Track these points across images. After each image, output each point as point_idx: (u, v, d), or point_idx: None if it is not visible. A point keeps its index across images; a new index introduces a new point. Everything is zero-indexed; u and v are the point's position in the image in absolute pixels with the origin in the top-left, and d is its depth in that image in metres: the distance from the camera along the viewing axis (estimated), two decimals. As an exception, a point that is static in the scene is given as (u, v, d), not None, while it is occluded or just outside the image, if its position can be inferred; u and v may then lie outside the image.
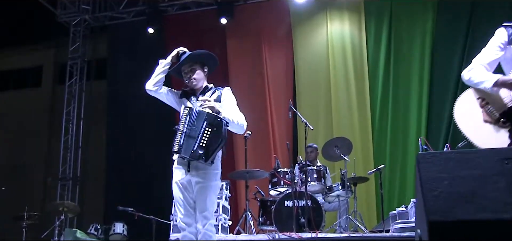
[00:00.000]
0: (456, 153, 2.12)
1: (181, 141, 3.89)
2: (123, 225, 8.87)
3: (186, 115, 3.95)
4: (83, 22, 11.74)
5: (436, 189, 1.76)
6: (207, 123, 3.86)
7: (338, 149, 7.45)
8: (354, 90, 9.75)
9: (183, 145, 3.88)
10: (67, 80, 11.70)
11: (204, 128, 3.86)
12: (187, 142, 3.87)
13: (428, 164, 1.88)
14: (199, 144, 3.84)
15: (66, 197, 11.07)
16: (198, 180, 3.98)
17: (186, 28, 10.95)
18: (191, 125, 3.90)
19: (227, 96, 4.25)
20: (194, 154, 3.84)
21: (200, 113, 3.91)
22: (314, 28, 10.35)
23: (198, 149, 3.83)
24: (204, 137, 3.84)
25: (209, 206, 4.02)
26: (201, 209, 4.00)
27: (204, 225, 3.99)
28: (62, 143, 11.48)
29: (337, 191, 7.41)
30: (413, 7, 9.81)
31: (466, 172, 1.89)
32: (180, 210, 4.09)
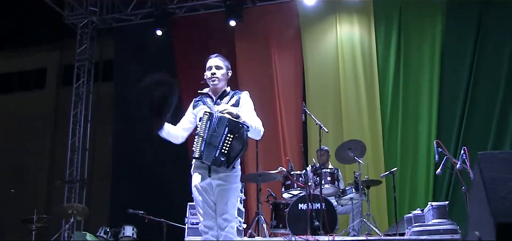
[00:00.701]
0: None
1: (202, 147, 3.84)
2: (132, 228, 8.82)
3: (206, 120, 3.88)
4: (91, 24, 11.69)
5: (502, 190, 1.71)
6: (229, 129, 3.80)
7: (352, 152, 7.42)
8: (364, 93, 9.71)
9: (204, 151, 3.83)
10: (74, 82, 11.64)
11: (225, 134, 3.80)
12: (208, 148, 3.82)
13: (491, 164, 1.83)
14: (221, 150, 3.80)
15: (73, 200, 11.01)
16: (219, 182, 3.94)
17: (194, 31, 10.92)
18: (212, 130, 3.83)
19: (246, 100, 4.20)
20: (216, 160, 3.81)
21: (221, 119, 3.84)
22: (323, 31, 10.32)
23: (220, 156, 3.80)
24: (226, 144, 3.80)
25: (230, 208, 3.99)
26: (222, 212, 3.96)
27: (225, 227, 3.95)
28: (69, 145, 11.42)
29: (350, 194, 7.39)
30: (422, 9, 9.80)
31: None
32: (200, 213, 4.05)
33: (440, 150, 6.06)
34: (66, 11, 11.53)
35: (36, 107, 15.02)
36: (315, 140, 8.95)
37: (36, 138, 14.76)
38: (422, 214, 6.41)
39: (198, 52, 10.72)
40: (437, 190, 9.01)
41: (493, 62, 9.16)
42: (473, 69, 9.18)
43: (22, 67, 16.02)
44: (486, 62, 9.19)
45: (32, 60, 15.78)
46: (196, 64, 10.66)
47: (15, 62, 15.83)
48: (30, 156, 14.52)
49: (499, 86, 8.98)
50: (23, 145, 14.53)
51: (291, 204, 6.96)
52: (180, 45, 10.95)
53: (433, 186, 9.06)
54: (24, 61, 15.84)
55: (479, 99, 9.09)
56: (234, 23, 10.46)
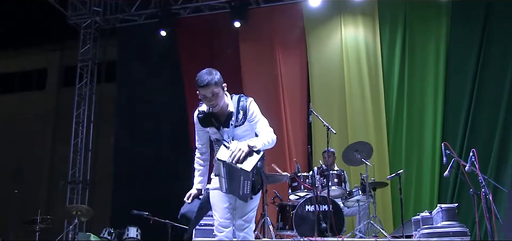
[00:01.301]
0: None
1: (226, 184, 3.81)
2: (136, 229, 8.79)
3: (222, 166, 3.73)
4: (94, 24, 11.66)
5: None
6: (244, 178, 3.69)
7: (359, 153, 7.40)
8: (369, 95, 9.69)
9: (228, 188, 3.82)
10: (77, 83, 11.58)
11: (242, 181, 3.71)
12: (230, 184, 3.78)
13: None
14: (244, 191, 3.75)
15: (75, 201, 10.97)
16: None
17: (199, 31, 10.91)
18: (229, 172, 3.74)
19: (253, 109, 3.95)
20: (243, 196, 3.79)
21: (233, 169, 3.69)
22: (328, 33, 10.30)
23: (243, 196, 3.79)
24: (246, 186, 3.73)
25: (251, 212, 3.99)
26: (242, 213, 3.95)
27: (243, 229, 3.95)
28: (72, 145, 11.37)
29: (357, 196, 7.38)
30: (427, 11, 9.78)
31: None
32: (217, 214, 3.99)
33: (448, 152, 6.03)
34: (69, 11, 11.48)
35: (36, 108, 14.99)
36: (320, 141, 8.99)
37: (36, 138, 14.73)
38: (430, 216, 6.38)
39: (202, 53, 10.73)
40: (442, 192, 8.99)
41: (498, 65, 9.14)
42: (478, 71, 9.16)
43: (23, 67, 16.00)
44: (491, 65, 9.17)
45: (33, 61, 15.75)
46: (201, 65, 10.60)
47: (16, 62, 15.80)
48: (30, 157, 14.49)
49: (504, 89, 8.96)
50: (23, 145, 14.49)
51: (298, 206, 6.93)
52: (185, 46, 10.92)
53: (438, 188, 9.05)
54: (25, 62, 15.81)
55: (484, 102, 9.06)
56: (238, 24, 10.44)
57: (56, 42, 14.98)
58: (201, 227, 6.54)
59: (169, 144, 10.73)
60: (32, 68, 16.00)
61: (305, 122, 10.08)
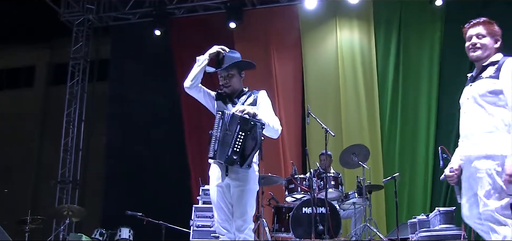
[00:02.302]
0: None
1: (215, 147, 3.81)
2: (129, 230, 8.69)
3: (219, 120, 3.86)
4: (87, 22, 11.54)
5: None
6: (240, 127, 3.77)
7: (356, 156, 7.40)
8: (364, 97, 9.73)
9: (217, 150, 3.81)
10: (68, 81, 11.45)
11: (237, 132, 3.77)
12: (221, 147, 3.80)
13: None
14: (233, 148, 3.77)
15: (64, 201, 10.84)
16: (237, 183, 3.91)
17: (193, 32, 10.86)
18: (224, 129, 3.82)
19: (263, 99, 4.16)
20: (229, 159, 3.78)
21: (233, 117, 3.82)
22: (323, 35, 10.32)
23: (232, 154, 3.77)
24: (238, 142, 3.77)
25: (248, 209, 3.94)
26: (240, 213, 3.91)
27: (243, 229, 3.92)
28: (62, 145, 11.23)
29: (353, 199, 7.39)
30: (422, 15, 9.86)
31: None
32: (219, 215, 4.01)
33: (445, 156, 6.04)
34: (62, 9, 11.36)
35: (24, 106, 14.81)
36: (316, 143, 8.97)
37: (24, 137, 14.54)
38: (427, 219, 6.41)
39: (197, 53, 10.58)
40: (435, 196, 9.05)
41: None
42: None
43: (11, 64, 15.79)
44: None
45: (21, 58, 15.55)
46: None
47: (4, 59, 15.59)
48: (17, 155, 14.29)
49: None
50: (10, 143, 14.28)
51: (295, 208, 6.91)
52: (179, 46, 10.86)
53: (431, 192, 9.10)
54: (13, 59, 15.60)
55: (478, 105, 9.12)
56: (234, 25, 10.42)
57: (46, 39, 14.80)
58: (198, 228, 6.49)
59: (162, 144, 10.66)
60: (20, 65, 15.80)
61: (299, 124, 10.09)
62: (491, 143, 3.27)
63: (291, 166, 7.65)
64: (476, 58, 3.52)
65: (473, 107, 3.41)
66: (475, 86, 3.44)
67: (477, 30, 3.55)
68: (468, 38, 3.61)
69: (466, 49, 3.63)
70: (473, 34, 3.56)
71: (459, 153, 3.50)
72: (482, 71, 3.46)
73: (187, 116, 10.53)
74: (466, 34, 3.63)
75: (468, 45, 3.58)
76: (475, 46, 3.52)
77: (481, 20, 3.59)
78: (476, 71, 3.55)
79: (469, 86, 3.52)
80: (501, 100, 3.32)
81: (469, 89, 3.49)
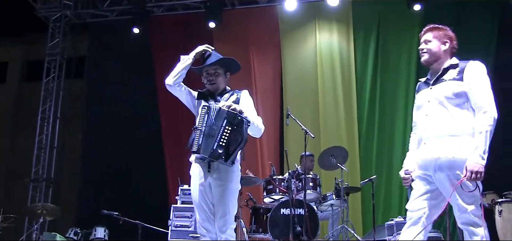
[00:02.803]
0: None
1: (200, 140, 3.74)
2: (104, 229, 8.59)
3: (204, 113, 3.81)
4: (64, 18, 11.35)
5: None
6: (227, 121, 3.75)
7: (334, 158, 7.42)
8: (342, 100, 9.78)
9: (202, 144, 3.74)
10: (44, 77, 11.24)
11: (223, 126, 3.74)
12: (206, 141, 3.74)
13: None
14: (219, 142, 3.72)
15: (38, 199, 10.63)
16: (219, 182, 3.86)
17: (173, 30, 10.78)
18: (210, 123, 3.77)
19: (246, 98, 4.16)
20: (214, 153, 3.72)
21: (219, 112, 3.79)
22: (303, 37, 10.35)
23: (218, 148, 3.72)
24: (224, 136, 3.73)
25: (230, 209, 3.91)
26: (222, 213, 3.87)
27: (225, 229, 3.88)
28: (36, 142, 11.01)
29: (331, 200, 7.41)
30: (400, 21, 9.97)
31: None
32: (200, 215, 3.98)
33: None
34: (38, 4, 11.16)
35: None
36: (294, 144, 8.98)
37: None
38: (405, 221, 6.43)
39: (176, 52, 10.51)
40: (411, 199, 9.11)
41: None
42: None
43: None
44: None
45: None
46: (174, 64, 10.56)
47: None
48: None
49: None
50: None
51: (273, 209, 6.90)
52: (158, 45, 10.78)
53: (407, 195, 9.16)
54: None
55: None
56: (213, 24, 10.37)
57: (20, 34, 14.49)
58: (177, 228, 6.43)
59: (139, 143, 10.55)
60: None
61: (278, 125, 10.10)
62: (459, 147, 3.34)
63: (269, 167, 7.64)
64: (424, 62, 3.68)
65: (438, 109, 3.47)
66: (437, 89, 3.52)
67: (425, 37, 3.70)
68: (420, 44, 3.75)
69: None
70: (422, 41, 3.71)
71: (421, 155, 3.51)
72: (443, 74, 3.55)
73: (165, 115, 10.45)
74: (420, 41, 3.76)
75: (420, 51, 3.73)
76: (423, 51, 3.67)
77: (430, 27, 3.73)
78: (431, 75, 3.65)
79: (428, 89, 3.59)
80: (465, 104, 3.43)
81: (429, 92, 3.57)
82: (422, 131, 3.54)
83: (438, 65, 3.62)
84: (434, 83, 3.57)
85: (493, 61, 9.32)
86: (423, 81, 3.72)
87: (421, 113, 3.60)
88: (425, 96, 3.59)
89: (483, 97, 3.39)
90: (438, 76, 3.57)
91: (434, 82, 3.58)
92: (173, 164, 10.29)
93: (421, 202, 3.49)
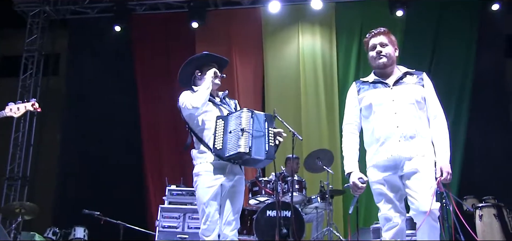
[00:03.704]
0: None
1: (249, 142, 3.78)
2: (84, 229, 8.47)
3: (249, 118, 3.89)
4: (43, 14, 11.10)
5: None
6: (268, 123, 3.96)
7: (320, 161, 7.46)
8: (324, 103, 9.86)
9: (252, 147, 3.79)
10: (21, 74, 10.98)
11: (267, 128, 3.93)
12: (256, 143, 3.82)
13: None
14: (270, 143, 3.89)
15: (12, 198, 10.38)
16: (233, 184, 3.99)
17: (155, 30, 10.70)
18: (256, 126, 3.88)
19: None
20: (268, 153, 3.86)
21: (259, 116, 3.95)
22: (286, 39, 10.41)
23: (270, 149, 3.87)
24: (271, 136, 3.92)
25: (239, 212, 4.06)
26: (231, 215, 3.98)
27: (233, 230, 3.99)
28: (12, 140, 10.74)
29: (316, 203, 7.44)
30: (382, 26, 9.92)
31: None
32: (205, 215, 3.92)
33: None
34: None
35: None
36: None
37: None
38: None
39: (157, 51, 10.55)
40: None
41: (446, 79, 9.59)
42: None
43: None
44: (440, 80, 9.51)
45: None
46: (155, 64, 10.51)
47: None
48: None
49: (451, 104, 9.40)
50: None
51: (259, 211, 6.88)
52: (139, 44, 10.68)
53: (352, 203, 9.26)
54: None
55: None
56: (196, 25, 10.30)
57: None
58: (164, 229, 6.37)
59: (118, 143, 10.39)
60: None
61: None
62: (427, 146, 3.52)
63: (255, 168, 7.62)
64: (383, 65, 3.72)
65: (409, 109, 3.55)
66: (402, 90, 3.61)
67: (380, 40, 3.77)
68: (371, 48, 3.80)
69: (370, 59, 3.82)
70: (376, 43, 3.75)
71: (389, 152, 3.53)
72: (402, 77, 3.67)
73: (144, 114, 10.36)
74: (369, 44, 3.82)
75: (373, 54, 3.76)
76: (381, 53, 3.71)
77: (382, 30, 3.83)
78: (382, 77, 3.72)
79: (388, 89, 3.64)
80: (424, 109, 3.60)
81: (390, 92, 3.63)
82: (388, 128, 3.56)
83: (391, 69, 3.72)
84: (394, 85, 3.64)
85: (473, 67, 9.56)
86: (370, 81, 3.76)
87: (382, 111, 3.62)
88: (386, 95, 3.63)
89: (439, 106, 3.63)
90: (398, 79, 3.66)
91: (395, 84, 3.64)
92: (151, 163, 10.20)
93: (395, 211, 3.57)
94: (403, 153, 3.48)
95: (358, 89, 3.79)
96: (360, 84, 3.82)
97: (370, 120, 3.68)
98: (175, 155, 9.79)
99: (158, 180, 9.93)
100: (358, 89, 3.79)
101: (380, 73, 3.75)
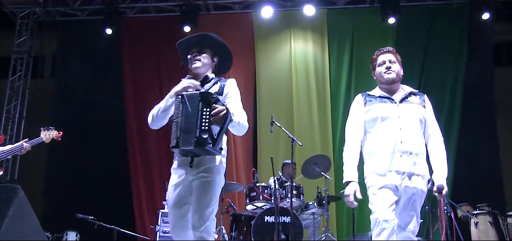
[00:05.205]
0: None
1: (178, 133, 3.27)
2: (76, 234, 8.39)
3: (178, 104, 3.35)
4: (32, 15, 10.97)
5: None
6: (203, 103, 3.27)
7: (318, 166, 7.49)
8: (316, 109, 9.92)
9: (181, 137, 3.26)
10: (10, 76, 10.81)
11: (200, 109, 3.26)
12: (184, 132, 3.26)
13: None
14: (201, 128, 3.21)
15: (0, 201, 10.19)
16: (202, 174, 3.39)
17: (145, 33, 10.63)
18: (185, 112, 3.31)
19: (232, 88, 3.71)
20: (198, 140, 3.20)
21: (192, 97, 3.34)
22: (278, 45, 10.45)
23: (201, 134, 3.20)
24: (204, 118, 3.23)
25: (213, 203, 3.41)
26: (199, 207, 3.36)
27: (201, 227, 3.35)
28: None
29: (313, 209, 7.47)
30: (374, 33, 10.20)
31: None
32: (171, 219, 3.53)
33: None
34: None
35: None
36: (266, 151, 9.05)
37: (-50, 133, 13.53)
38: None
39: (147, 55, 10.47)
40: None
41: (438, 82, 9.83)
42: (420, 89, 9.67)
43: None
44: (432, 85, 9.74)
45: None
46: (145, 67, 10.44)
47: None
48: None
49: (444, 106, 9.60)
50: None
51: (257, 216, 6.88)
52: (129, 47, 10.62)
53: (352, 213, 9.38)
54: None
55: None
56: (188, 29, 10.23)
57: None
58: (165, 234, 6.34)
59: (106, 145, 10.30)
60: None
61: (250, 132, 10.07)
62: (425, 165, 3.68)
63: (252, 174, 7.61)
64: (391, 80, 3.84)
65: (414, 127, 3.70)
66: (407, 108, 3.74)
67: (389, 57, 3.90)
68: (381, 63, 3.93)
69: (377, 74, 3.95)
70: (386, 60, 3.88)
71: (393, 166, 3.63)
72: (408, 96, 3.80)
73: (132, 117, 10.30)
74: (378, 60, 3.96)
75: (381, 69, 3.88)
76: (390, 69, 3.84)
77: (390, 49, 3.98)
78: (389, 93, 3.84)
79: (394, 105, 3.76)
80: (422, 129, 3.75)
81: (396, 108, 3.75)
82: (392, 142, 3.66)
83: (396, 86, 3.85)
84: (401, 102, 3.77)
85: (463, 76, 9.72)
86: (377, 95, 3.88)
87: (387, 125, 3.73)
88: (393, 111, 3.75)
89: (437, 127, 3.80)
90: (404, 97, 3.79)
91: (401, 101, 3.77)
92: (138, 166, 10.16)
93: (392, 212, 3.63)
94: (404, 168, 3.61)
95: (365, 101, 3.92)
96: (367, 96, 3.94)
97: (373, 132, 3.80)
98: (166, 157, 9.73)
99: (148, 182, 9.93)
100: (365, 102, 3.91)
101: (386, 89, 3.87)
